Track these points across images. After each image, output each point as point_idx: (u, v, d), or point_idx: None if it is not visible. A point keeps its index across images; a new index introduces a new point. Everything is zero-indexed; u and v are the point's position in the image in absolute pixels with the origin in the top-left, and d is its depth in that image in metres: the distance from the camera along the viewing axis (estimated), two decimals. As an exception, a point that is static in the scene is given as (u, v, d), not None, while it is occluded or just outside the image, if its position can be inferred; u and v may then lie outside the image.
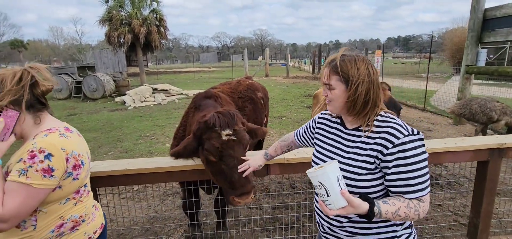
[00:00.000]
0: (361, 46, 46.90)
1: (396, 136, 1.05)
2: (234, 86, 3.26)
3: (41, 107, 1.23)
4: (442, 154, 2.20)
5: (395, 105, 2.30)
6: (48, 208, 1.18)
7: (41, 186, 1.09)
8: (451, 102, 8.37)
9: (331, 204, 0.98)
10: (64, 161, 1.14)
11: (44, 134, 1.16)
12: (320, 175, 0.97)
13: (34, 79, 1.20)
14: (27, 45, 55.67)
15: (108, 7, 16.33)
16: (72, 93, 13.36)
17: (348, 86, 1.09)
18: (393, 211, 1.02)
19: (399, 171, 1.05)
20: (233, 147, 1.71)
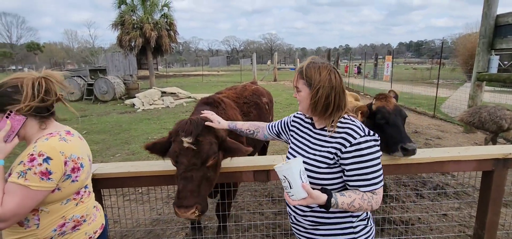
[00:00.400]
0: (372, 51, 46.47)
1: (354, 136, 1.20)
2: (239, 92, 3.29)
3: (48, 115, 1.28)
4: (445, 163, 2.17)
5: (400, 113, 2.29)
6: (50, 208, 1.22)
7: (39, 188, 1.14)
8: (462, 109, 8.18)
9: (293, 195, 1.13)
10: (62, 164, 1.19)
11: (45, 138, 1.21)
12: (285, 170, 1.12)
13: (48, 87, 1.26)
14: (43, 48, 57.46)
15: (120, 12, 16.74)
16: (84, 96, 13.70)
17: (311, 89, 1.24)
18: (348, 202, 1.17)
19: (355, 167, 1.19)
20: (188, 155, 1.66)
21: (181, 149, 1.68)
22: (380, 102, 2.30)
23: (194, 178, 1.65)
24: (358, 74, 23.33)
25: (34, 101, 1.19)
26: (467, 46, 18.89)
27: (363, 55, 22.65)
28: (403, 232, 2.90)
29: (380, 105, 2.29)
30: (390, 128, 2.20)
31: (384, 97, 2.31)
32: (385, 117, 2.24)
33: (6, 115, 1.18)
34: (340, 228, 1.31)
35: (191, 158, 1.66)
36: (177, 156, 1.69)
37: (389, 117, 2.22)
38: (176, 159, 1.70)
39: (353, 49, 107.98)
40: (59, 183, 1.20)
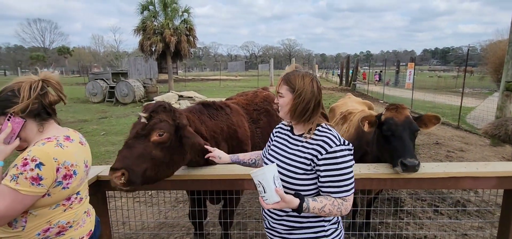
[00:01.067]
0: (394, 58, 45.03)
1: (330, 144, 1.27)
2: (250, 98, 3.25)
3: (46, 117, 1.31)
4: (461, 179, 2.01)
5: (409, 126, 2.15)
6: (38, 211, 1.23)
7: (28, 193, 1.15)
8: (489, 121, 7.68)
9: (267, 199, 1.19)
10: (54, 170, 1.19)
11: (41, 142, 1.22)
12: (259, 175, 1.18)
13: (45, 90, 1.29)
14: (72, 52, 60.79)
15: (143, 18, 17.36)
16: (106, 98, 14.25)
17: (293, 94, 1.31)
18: (319, 207, 1.23)
19: (329, 174, 1.26)
20: (137, 126, 1.72)
21: (136, 123, 1.75)
22: (390, 113, 2.19)
23: (132, 146, 1.66)
24: (378, 82, 22.62)
25: (27, 101, 1.22)
26: (498, 54, 17.82)
27: (384, 62, 21.95)
28: (417, 251, 2.73)
29: (389, 116, 2.17)
30: (395, 140, 2.09)
31: (395, 108, 2.19)
32: (391, 129, 2.13)
33: (7, 118, 1.22)
34: (313, 232, 1.36)
35: (137, 129, 1.70)
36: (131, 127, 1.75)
37: (396, 130, 2.11)
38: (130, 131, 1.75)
39: (374, 55, 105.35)
40: (49, 188, 1.21)
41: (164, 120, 1.75)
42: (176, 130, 1.80)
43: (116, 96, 13.84)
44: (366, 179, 2.06)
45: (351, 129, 2.92)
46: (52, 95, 1.32)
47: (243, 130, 2.66)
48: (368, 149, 2.51)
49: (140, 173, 1.63)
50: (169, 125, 1.76)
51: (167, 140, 1.74)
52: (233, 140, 2.49)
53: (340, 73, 25.34)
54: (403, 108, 2.19)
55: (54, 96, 1.32)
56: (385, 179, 2.06)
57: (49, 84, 1.32)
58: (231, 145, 2.47)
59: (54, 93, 1.33)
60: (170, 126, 1.76)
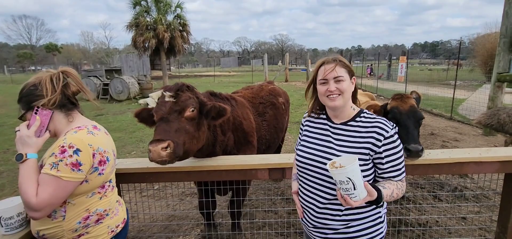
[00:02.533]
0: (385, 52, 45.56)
1: (386, 130, 1.25)
2: (256, 92, 3.30)
3: (72, 107, 1.35)
4: (465, 164, 2.11)
5: (414, 115, 2.24)
6: (76, 200, 1.27)
7: (70, 179, 1.19)
8: (481, 111, 7.91)
9: (356, 196, 1.09)
10: (90, 156, 1.23)
11: (73, 131, 1.26)
12: (350, 171, 1.06)
13: (66, 81, 1.32)
14: (60, 49, 59.35)
15: (135, 13, 17.09)
16: (100, 95, 14.07)
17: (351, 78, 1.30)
18: (389, 194, 1.21)
19: (390, 160, 1.26)
20: (167, 105, 1.78)
21: (161, 101, 1.81)
22: (395, 102, 2.28)
23: (170, 121, 1.74)
24: (370, 75, 22.84)
25: (55, 94, 1.26)
26: (486, 46, 18.26)
27: (376, 56, 22.21)
28: (420, 235, 2.85)
29: (394, 105, 2.26)
30: (399, 128, 2.17)
31: (400, 98, 2.28)
32: (396, 117, 2.21)
33: (34, 112, 1.25)
34: (371, 220, 1.32)
35: (169, 107, 1.77)
36: (158, 107, 1.80)
37: (400, 118, 2.20)
38: (156, 110, 1.80)
39: (366, 50, 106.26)
40: (87, 174, 1.25)
41: (192, 97, 1.87)
42: (200, 106, 1.92)
43: (111, 94, 13.67)
44: (375, 166, 2.15)
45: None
46: (73, 85, 1.36)
47: (248, 121, 2.71)
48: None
49: (181, 145, 1.72)
50: (196, 102, 1.88)
51: (197, 116, 1.87)
52: (239, 131, 2.54)
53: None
54: (408, 98, 2.28)
55: (75, 86, 1.37)
56: (393, 165, 2.16)
57: (69, 75, 1.35)
58: (237, 136, 2.52)
59: (75, 84, 1.37)
60: (196, 102, 1.88)
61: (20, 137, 1.24)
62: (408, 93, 2.41)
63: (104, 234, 1.37)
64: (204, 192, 2.59)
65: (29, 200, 1.15)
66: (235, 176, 2.22)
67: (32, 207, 1.16)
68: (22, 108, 1.28)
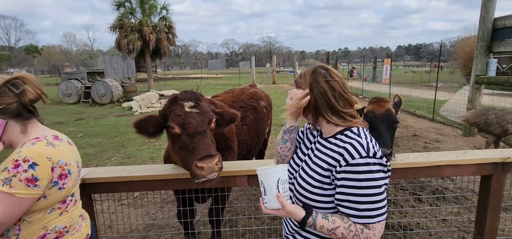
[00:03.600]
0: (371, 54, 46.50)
1: (352, 154, 1.04)
2: (236, 95, 3.25)
3: (29, 116, 1.23)
4: (443, 167, 2.13)
5: (388, 119, 2.18)
6: (32, 217, 1.17)
7: (24, 196, 1.08)
8: (461, 112, 8.15)
9: (267, 203, 1.09)
10: (49, 170, 1.13)
11: (31, 142, 1.16)
12: (262, 174, 1.07)
13: (22, 88, 1.22)
14: (41, 51, 57.45)
15: (119, 15, 16.71)
16: (81, 98, 13.63)
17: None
18: (330, 228, 1.04)
19: (346, 192, 1.03)
20: (194, 116, 1.72)
21: (184, 112, 1.72)
22: (371, 106, 2.26)
23: (206, 134, 1.69)
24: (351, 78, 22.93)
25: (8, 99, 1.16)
26: (466, 50, 18.92)
27: (362, 58, 22.61)
28: (402, 238, 2.86)
29: (370, 109, 2.25)
30: (372, 132, 2.16)
31: (377, 101, 2.26)
32: (370, 121, 2.19)
33: None
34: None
35: (198, 118, 1.71)
36: (183, 119, 1.70)
37: (374, 122, 2.17)
38: (182, 122, 1.70)
39: (352, 52, 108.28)
40: (45, 190, 1.15)
41: (210, 106, 1.85)
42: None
43: (93, 97, 13.26)
44: (355, 171, 2.13)
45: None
46: (31, 92, 1.24)
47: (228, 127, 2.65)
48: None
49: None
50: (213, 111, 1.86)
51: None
52: (219, 135, 2.48)
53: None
54: (385, 101, 2.26)
55: (33, 93, 1.25)
56: (373, 170, 2.15)
57: (26, 82, 1.24)
58: (217, 142, 2.46)
59: (33, 91, 1.25)
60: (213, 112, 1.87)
61: None
62: (388, 97, 2.41)
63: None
64: (183, 200, 2.50)
65: None
66: (213, 183, 2.15)
67: None
68: None
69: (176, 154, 1.82)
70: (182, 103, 1.76)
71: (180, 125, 1.72)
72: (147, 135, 1.87)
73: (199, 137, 1.66)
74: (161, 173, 2.09)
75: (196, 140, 1.66)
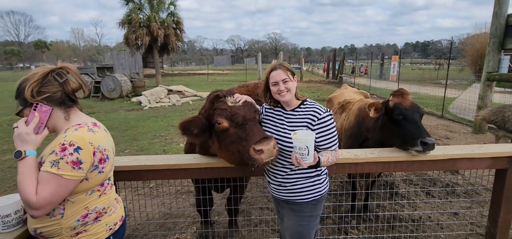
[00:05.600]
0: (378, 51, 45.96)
1: (319, 112, 1.70)
2: (251, 89, 3.29)
3: (71, 104, 1.32)
4: (458, 161, 2.17)
5: (418, 110, 2.32)
6: (75, 198, 1.26)
7: (71, 177, 1.17)
8: (470, 110, 8.09)
9: (307, 160, 1.48)
10: (91, 154, 1.22)
11: (74, 128, 1.24)
12: (310, 140, 1.46)
13: (66, 77, 1.30)
14: (50, 46, 58.14)
15: (128, 10, 16.85)
16: (91, 93, 13.84)
17: (293, 78, 1.76)
18: (325, 160, 1.64)
19: (323, 135, 1.68)
20: (240, 108, 1.75)
21: (229, 107, 1.75)
22: (397, 99, 2.32)
23: (256, 122, 1.75)
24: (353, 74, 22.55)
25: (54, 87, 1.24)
26: (476, 47, 18.66)
27: (369, 55, 22.44)
28: (414, 230, 2.90)
29: (397, 102, 2.30)
30: (408, 123, 2.21)
31: (400, 94, 2.32)
32: (402, 113, 2.25)
33: (33, 108, 1.22)
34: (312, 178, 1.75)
35: (244, 109, 1.76)
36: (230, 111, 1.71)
37: (407, 113, 2.24)
38: (229, 114, 1.71)
39: (358, 49, 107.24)
40: (87, 173, 1.23)
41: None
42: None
43: (102, 91, 13.47)
44: (371, 163, 2.18)
45: (351, 117, 3.03)
46: (73, 82, 1.33)
47: None
48: (369, 135, 2.64)
49: None
50: None
51: None
52: None
53: (327, 66, 25.66)
54: (407, 94, 2.32)
55: (75, 83, 1.34)
56: (389, 162, 2.19)
57: (69, 71, 1.33)
58: None
59: (75, 80, 1.34)
60: None
61: (18, 134, 1.21)
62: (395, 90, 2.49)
63: (102, 232, 1.36)
64: (201, 189, 2.59)
65: (28, 198, 1.13)
66: (234, 173, 2.21)
67: (32, 206, 1.14)
68: (20, 104, 1.25)
69: (226, 150, 1.75)
70: (225, 100, 1.77)
71: (228, 117, 1.70)
72: (191, 136, 1.84)
73: (250, 123, 1.66)
74: (183, 162, 2.16)
75: (248, 126, 1.65)
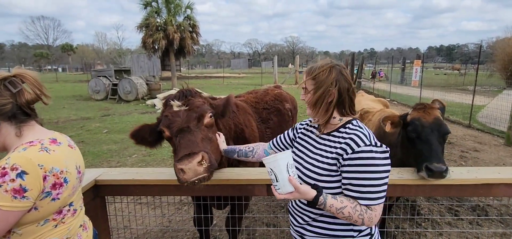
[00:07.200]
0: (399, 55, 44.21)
1: (357, 143, 1.13)
2: (260, 96, 3.07)
3: (24, 118, 1.12)
4: (494, 186, 1.83)
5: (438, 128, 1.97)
6: (23, 230, 1.06)
7: (11, 209, 0.97)
8: (502, 119, 7.42)
9: (280, 189, 1.11)
10: (40, 179, 1.02)
11: (22, 148, 1.05)
12: (271, 162, 1.10)
13: (20, 87, 1.11)
14: (75, 49, 60.96)
15: (145, 14, 17.20)
16: (109, 95, 14.14)
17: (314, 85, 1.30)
18: (338, 207, 1.10)
19: (352, 177, 1.12)
20: (181, 114, 1.56)
21: (172, 112, 1.58)
22: (417, 113, 2.00)
23: (193, 130, 1.52)
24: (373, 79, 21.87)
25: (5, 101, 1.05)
26: (507, 51, 17.49)
27: (390, 59, 21.60)
28: (438, 260, 2.55)
29: (415, 117, 1.99)
30: (420, 143, 1.90)
31: (423, 108, 2.00)
32: (416, 131, 1.94)
33: None
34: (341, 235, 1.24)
35: (186, 115, 1.55)
36: (170, 119, 1.56)
37: (422, 131, 1.92)
38: (168, 124, 1.56)
39: (378, 53, 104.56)
40: (36, 201, 1.03)
41: (204, 102, 1.70)
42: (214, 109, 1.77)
43: (119, 94, 13.71)
44: (389, 186, 1.86)
45: (371, 129, 2.73)
46: (29, 93, 1.13)
47: (250, 129, 2.49)
48: (391, 152, 2.32)
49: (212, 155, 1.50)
50: (208, 105, 1.71)
51: (214, 122, 1.70)
52: (240, 139, 2.32)
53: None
54: (433, 108, 2.00)
55: (31, 94, 1.13)
56: (410, 185, 1.88)
57: (25, 80, 1.13)
58: (238, 145, 2.31)
59: (31, 91, 1.14)
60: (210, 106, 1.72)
61: None
62: (419, 101, 2.15)
63: None
64: (200, 206, 2.38)
65: None
66: (230, 192, 2.00)
67: None
68: None
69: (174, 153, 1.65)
70: (171, 104, 1.62)
71: (167, 126, 1.57)
72: (148, 144, 1.71)
73: (181, 135, 1.48)
74: (175, 177, 1.98)
75: (179, 138, 1.49)
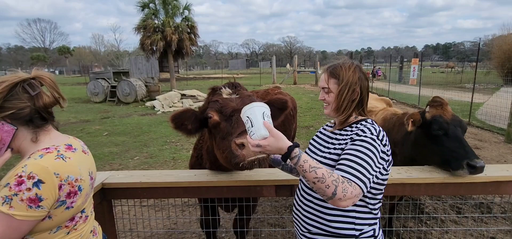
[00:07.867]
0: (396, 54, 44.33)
1: (363, 131, 1.18)
2: (261, 96, 3.08)
3: (42, 123, 1.09)
4: (503, 184, 1.84)
5: (460, 124, 2.01)
6: (35, 237, 1.04)
7: (25, 218, 0.95)
8: (501, 117, 7.46)
9: (254, 134, 1.07)
10: (56, 188, 1.00)
11: (39, 154, 1.03)
12: (247, 109, 1.10)
13: (38, 90, 1.08)
14: (72, 52, 60.64)
15: (143, 16, 17.13)
16: (107, 97, 14.07)
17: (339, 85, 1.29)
18: (312, 165, 1.02)
19: (347, 152, 1.13)
20: (233, 100, 1.58)
21: (222, 98, 1.59)
22: (435, 110, 2.00)
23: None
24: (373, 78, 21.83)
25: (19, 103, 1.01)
26: (503, 48, 17.59)
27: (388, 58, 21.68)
28: (445, 258, 2.55)
29: (436, 114, 1.99)
30: (450, 141, 1.90)
31: (439, 105, 2.01)
32: (443, 128, 1.94)
33: None
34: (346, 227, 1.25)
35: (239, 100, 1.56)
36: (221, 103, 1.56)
37: (448, 129, 1.93)
38: (219, 107, 1.55)
39: (376, 52, 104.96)
40: (50, 210, 1.01)
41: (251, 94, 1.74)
42: None
43: (118, 96, 13.64)
44: (398, 185, 1.88)
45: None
46: (47, 96, 1.09)
47: None
48: (396, 149, 2.32)
49: None
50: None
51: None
52: None
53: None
54: (446, 104, 2.02)
55: (49, 97, 1.10)
56: (419, 184, 1.88)
57: (44, 83, 1.09)
58: None
59: (49, 94, 1.10)
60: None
61: None
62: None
63: None
64: (207, 208, 2.36)
65: None
66: (238, 193, 1.99)
67: None
68: None
69: (218, 149, 1.57)
70: (220, 92, 1.62)
71: (218, 110, 1.53)
72: (186, 132, 1.66)
73: (238, 113, 1.41)
74: (182, 179, 1.97)
75: (234, 119, 1.45)
